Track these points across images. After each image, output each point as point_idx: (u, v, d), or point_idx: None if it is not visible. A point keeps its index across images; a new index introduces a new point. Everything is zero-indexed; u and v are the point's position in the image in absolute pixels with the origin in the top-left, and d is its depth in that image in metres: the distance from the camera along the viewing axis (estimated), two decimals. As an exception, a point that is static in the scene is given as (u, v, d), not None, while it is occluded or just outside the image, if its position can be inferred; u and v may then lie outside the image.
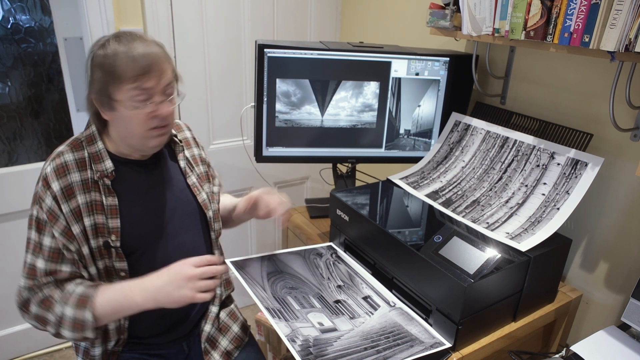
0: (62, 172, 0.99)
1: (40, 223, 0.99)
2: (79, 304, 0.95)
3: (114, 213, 1.02)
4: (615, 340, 1.06)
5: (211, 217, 1.18)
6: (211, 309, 1.20)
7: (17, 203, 1.78)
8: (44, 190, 0.98)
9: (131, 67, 0.94)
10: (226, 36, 1.91)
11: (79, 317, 0.95)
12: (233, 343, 1.21)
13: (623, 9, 0.90)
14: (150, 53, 0.96)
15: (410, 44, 1.79)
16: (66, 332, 0.97)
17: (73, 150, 1.02)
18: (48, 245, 0.98)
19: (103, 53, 0.96)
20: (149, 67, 0.95)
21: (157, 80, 0.97)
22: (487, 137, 1.34)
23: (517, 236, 1.08)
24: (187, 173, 1.17)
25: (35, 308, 0.98)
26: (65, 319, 0.96)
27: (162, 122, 1.01)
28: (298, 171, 2.32)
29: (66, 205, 0.98)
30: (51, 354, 2.03)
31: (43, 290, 0.99)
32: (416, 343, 0.97)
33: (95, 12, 1.63)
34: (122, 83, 0.95)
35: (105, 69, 0.95)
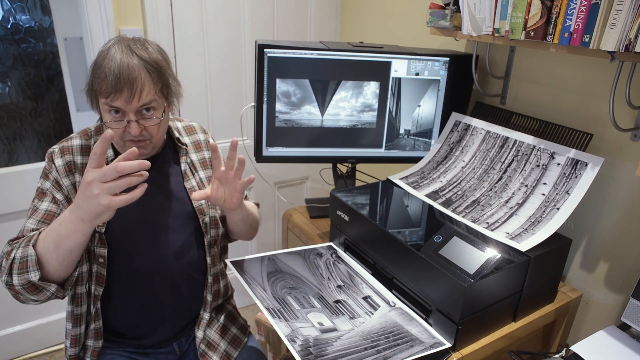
0: (66, 152, 1.06)
1: (43, 191, 1.04)
2: (26, 243, 0.94)
3: None
4: (615, 340, 1.06)
5: (207, 222, 1.17)
6: (202, 315, 1.20)
7: (17, 203, 1.78)
8: (50, 164, 1.06)
9: (103, 83, 0.95)
10: (226, 36, 1.91)
11: (23, 254, 0.93)
12: (232, 344, 1.21)
13: (623, 9, 0.90)
14: (122, 72, 0.94)
15: (410, 44, 1.79)
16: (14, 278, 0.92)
17: (82, 137, 1.09)
18: (45, 208, 1.02)
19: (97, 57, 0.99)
20: (117, 87, 0.94)
21: (127, 101, 0.96)
22: (487, 137, 1.34)
23: (517, 236, 1.08)
24: (187, 176, 1.16)
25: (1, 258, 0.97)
26: (15, 262, 0.93)
27: (135, 138, 1.00)
28: (298, 171, 2.32)
29: (66, 179, 1.05)
30: (51, 354, 2.03)
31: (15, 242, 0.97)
32: (416, 343, 0.98)
33: (95, 12, 1.63)
34: (98, 95, 0.98)
35: (91, 76, 0.98)
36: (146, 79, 0.97)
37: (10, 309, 1.89)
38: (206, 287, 1.19)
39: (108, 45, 1.00)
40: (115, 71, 0.94)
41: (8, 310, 1.89)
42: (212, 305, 1.21)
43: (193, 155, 1.20)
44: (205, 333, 1.18)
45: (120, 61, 0.95)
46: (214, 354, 1.18)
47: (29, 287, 0.93)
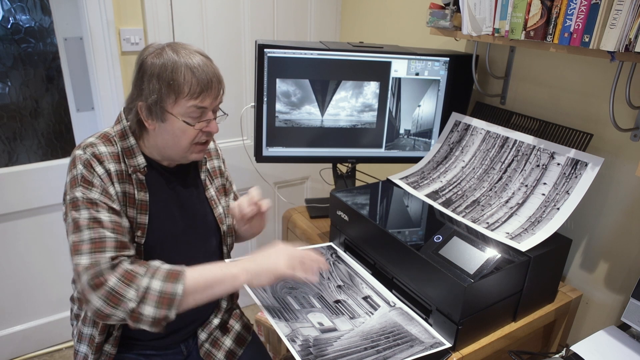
0: (100, 159, 0.97)
1: (92, 201, 0.93)
2: (169, 277, 0.90)
3: (144, 208, 1.02)
4: (615, 340, 1.06)
5: (225, 231, 1.18)
6: (212, 320, 1.20)
7: (17, 203, 1.78)
8: (89, 171, 0.95)
9: (193, 83, 0.94)
10: (226, 36, 1.91)
11: (169, 289, 0.88)
12: (236, 342, 1.21)
13: (623, 9, 0.90)
14: (211, 71, 0.97)
15: (410, 44, 1.79)
16: (148, 309, 0.87)
17: (105, 143, 1.00)
18: (108, 219, 0.93)
19: (160, 62, 0.95)
20: (209, 85, 0.96)
21: (214, 99, 0.99)
22: (487, 137, 1.34)
23: (517, 236, 1.08)
24: (207, 185, 1.17)
25: (114, 281, 0.88)
26: (150, 292, 0.88)
27: (207, 137, 1.03)
28: (298, 171, 2.32)
29: (112, 188, 0.97)
30: (51, 354, 2.02)
31: (123, 264, 0.91)
32: (416, 343, 0.97)
33: (95, 12, 1.63)
34: (180, 97, 0.95)
35: (164, 81, 0.94)
36: (221, 77, 1.01)
37: (10, 309, 1.89)
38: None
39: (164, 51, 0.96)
40: (204, 70, 0.95)
41: (8, 310, 1.89)
42: (223, 310, 1.22)
43: (207, 163, 1.20)
44: (210, 334, 1.19)
45: (200, 61, 0.96)
46: (219, 352, 1.18)
47: (159, 320, 0.89)
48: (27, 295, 1.90)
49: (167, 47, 0.98)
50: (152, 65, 0.95)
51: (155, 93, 0.95)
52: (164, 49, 0.97)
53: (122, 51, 1.74)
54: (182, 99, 0.95)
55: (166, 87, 0.94)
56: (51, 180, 1.82)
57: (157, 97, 0.95)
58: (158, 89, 0.95)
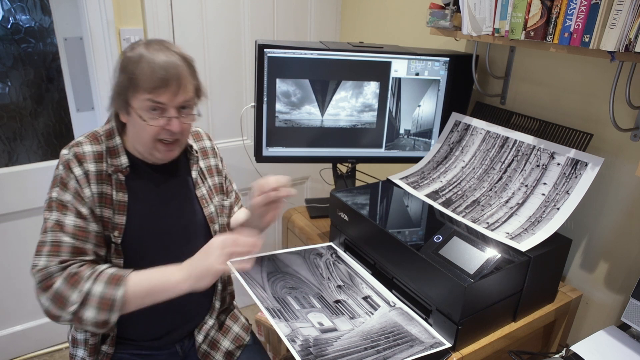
0: (80, 160, 0.99)
1: (62, 204, 0.97)
2: (111, 281, 0.92)
3: (122, 209, 1.03)
4: (615, 340, 1.06)
5: (217, 230, 1.17)
6: (207, 320, 1.20)
7: (17, 203, 1.78)
8: (67, 172, 0.98)
9: (148, 78, 0.94)
10: (226, 36, 1.91)
11: (109, 294, 0.90)
12: (234, 343, 1.21)
13: (623, 9, 0.90)
14: (170, 66, 0.95)
15: (410, 44, 1.79)
16: (89, 312, 0.90)
17: (92, 142, 1.02)
18: (72, 223, 0.96)
19: (129, 55, 0.96)
20: (165, 81, 0.95)
21: (172, 96, 0.97)
22: (487, 137, 1.34)
23: (517, 236, 1.08)
24: (198, 184, 1.16)
25: (59, 283, 0.91)
26: (92, 296, 0.90)
27: (170, 136, 1.01)
28: (298, 171, 2.32)
29: (87, 190, 0.99)
30: (51, 354, 2.03)
31: (71, 267, 0.93)
32: (416, 343, 0.97)
33: (95, 12, 1.63)
34: (137, 91, 0.95)
35: (126, 73, 0.95)
36: (188, 75, 0.99)
37: (10, 309, 1.89)
38: (215, 294, 1.20)
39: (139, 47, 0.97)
40: (162, 65, 0.94)
41: (8, 310, 1.89)
42: (218, 311, 1.22)
43: (201, 162, 1.19)
44: (207, 335, 1.18)
45: (165, 57, 0.96)
46: (217, 353, 1.18)
47: (101, 324, 0.91)
48: (27, 295, 1.90)
49: (144, 42, 0.99)
50: (124, 59, 0.97)
51: (120, 85, 0.97)
52: (139, 43, 0.98)
53: (122, 51, 1.74)
54: (138, 92, 0.95)
55: (127, 80, 0.95)
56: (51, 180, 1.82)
57: (120, 89, 0.97)
58: (121, 81, 0.97)
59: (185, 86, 0.98)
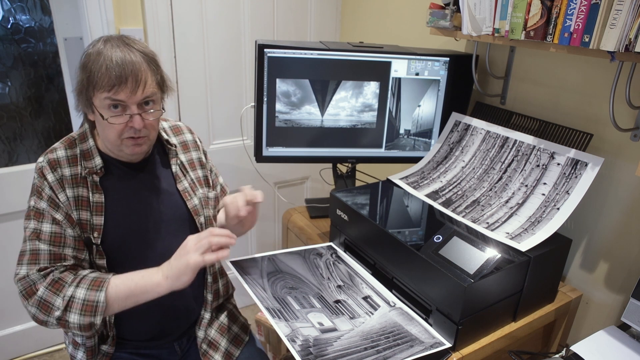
0: (54, 166, 1.01)
1: (39, 212, 0.99)
2: (93, 285, 0.94)
3: (99, 210, 1.03)
4: (615, 340, 1.06)
5: (202, 223, 1.16)
6: (203, 315, 1.20)
7: (17, 203, 1.78)
8: (41, 180, 1.00)
9: (105, 76, 0.93)
10: (226, 36, 1.91)
11: (91, 298, 0.93)
12: (233, 343, 1.21)
13: (623, 9, 0.90)
14: (126, 63, 0.94)
15: (410, 44, 1.79)
16: (73, 316, 0.93)
17: (66, 147, 1.04)
18: (49, 230, 0.98)
19: (88, 52, 0.96)
20: (122, 79, 0.93)
21: (131, 93, 0.95)
22: (487, 137, 1.34)
23: (517, 236, 1.08)
24: (179, 178, 1.15)
25: (43, 290, 0.94)
26: (75, 301, 0.93)
27: (136, 133, 1.00)
28: (298, 171, 2.32)
29: (62, 195, 1.00)
30: (51, 354, 2.03)
31: (53, 273, 0.96)
32: (416, 343, 0.97)
33: (95, 12, 1.63)
34: (96, 90, 0.95)
35: (85, 72, 0.96)
36: (148, 71, 0.98)
37: (10, 309, 1.89)
38: (206, 287, 1.19)
39: (99, 43, 0.97)
40: (118, 62, 0.93)
41: (8, 310, 1.89)
42: (212, 304, 1.21)
43: (182, 156, 1.18)
44: (207, 332, 1.18)
45: (121, 53, 0.95)
46: (216, 354, 1.18)
47: (86, 327, 0.94)
48: (27, 295, 1.90)
49: (105, 39, 0.98)
50: (84, 56, 0.97)
51: (80, 84, 0.97)
52: (100, 40, 0.98)
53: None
54: (97, 91, 0.95)
55: (87, 78, 0.95)
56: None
57: (81, 87, 0.97)
58: (81, 80, 0.97)
59: (145, 82, 0.97)
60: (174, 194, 1.14)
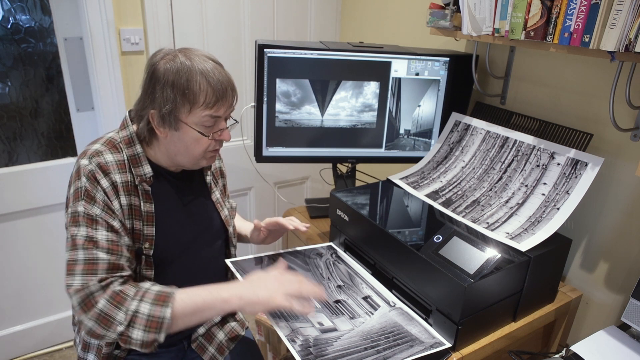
0: (105, 170, 0.95)
1: (91, 218, 0.92)
2: (158, 300, 0.88)
3: (150, 220, 1.01)
4: (615, 340, 1.06)
5: (231, 232, 1.19)
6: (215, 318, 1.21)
7: (17, 203, 1.78)
8: (93, 185, 0.93)
9: (209, 93, 0.93)
10: (226, 36, 1.91)
11: (157, 313, 0.87)
12: (228, 335, 1.21)
13: (623, 9, 0.90)
14: (225, 80, 0.96)
15: (410, 44, 1.79)
16: (137, 332, 0.87)
17: (111, 151, 0.98)
18: (105, 238, 0.92)
19: (174, 69, 0.92)
20: (224, 94, 0.95)
21: (228, 108, 0.98)
22: (487, 137, 1.34)
23: (517, 236, 1.08)
24: (212, 188, 1.17)
25: (103, 303, 0.87)
26: (139, 316, 0.87)
27: (220, 146, 1.03)
28: (298, 171, 2.32)
29: (116, 202, 0.95)
30: (51, 354, 2.02)
31: (113, 284, 0.90)
32: (416, 343, 0.97)
33: (95, 12, 1.63)
34: (195, 107, 0.94)
35: (178, 89, 0.92)
36: (234, 86, 1.00)
37: (10, 309, 1.89)
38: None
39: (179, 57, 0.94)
40: (219, 79, 0.94)
41: (8, 310, 1.89)
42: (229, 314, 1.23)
43: (211, 166, 1.19)
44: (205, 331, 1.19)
45: (214, 69, 0.95)
46: (210, 345, 1.18)
47: (149, 344, 0.88)
48: (27, 295, 1.90)
49: (180, 52, 0.96)
50: (166, 72, 0.93)
51: (169, 102, 0.93)
52: (177, 54, 0.95)
53: (122, 51, 1.74)
54: (197, 109, 0.93)
55: (181, 96, 0.92)
56: (51, 180, 1.82)
57: (171, 106, 0.93)
58: (172, 98, 0.93)
59: (235, 97, 1.00)
60: (209, 204, 1.15)
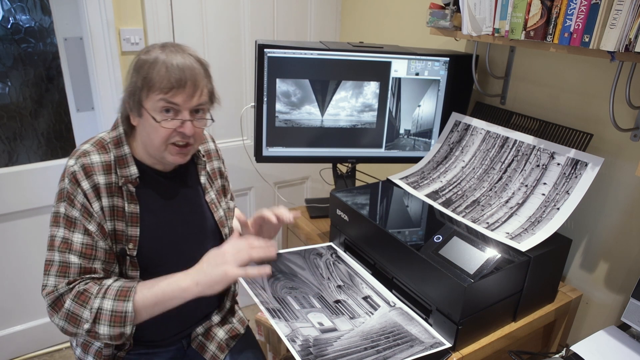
0: (89, 172, 0.96)
1: (70, 220, 0.95)
2: (120, 295, 0.92)
3: (135, 221, 1.01)
4: (615, 340, 1.06)
5: (227, 234, 1.18)
6: (212, 317, 1.20)
7: (17, 203, 1.78)
8: (74, 187, 0.95)
9: (164, 78, 0.93)
10: (226, 36, 1.91)
11: (119, 308, 0.90)
12: (229, 334, 1.21)
13: (623, 9, 0.90)
14: (187, 68, 0.95)
15: (410, 44, 1.79)
16: (103, 328, 0.91)
17: (99, 151, 1.00)
18: (80, 241, 0.95)
19: (145, 58, 0.95)
20: (181, 82, 0.94)
21: (187, 98, 0.96)
22: (487, 137, 1.34)
23: (517, 236, 1.08)
24: (207, 189, 1.15)
25: (69, 303, 0.92)
26: (103, 312, 0.90)
27: (183, 139, 0.99)
28: (298, 171, 2.32)
29: (96, 204, 0.96)
30: (51, 354, 2.02)
31: (79, 284, 0.94)
32: (416, 343, 0.97)
33: (95, 12, 1.63)
34: (151, 91, 0.94)
35: (141, 74, 0.95)
36: (203, 79, 0.98)
37: (10, 309, 1.89)
38: (227, 295, 1.21)
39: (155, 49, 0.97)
40: (179, 66, 0.94)
41: (8, 310, 1.89)
42: (226, 310, 1.22)
43: (207, 166, 1.18)
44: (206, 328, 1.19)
45: (182, 58, 0.95)
46: (211, 344, 1.18)
47: (117, 337, 0.92)
48: (27, 295, 1.90)
49: (161, 45, 0.98)
50: (139, 61, 0.96)
51: (132, 84, 0.96)
52: (155, 46, 0.98)
53: (122, 51, 1.74)
54: (152, 93, 0.94)
55: (141, 80, 0.95)
56: (51, 180, 1.81)
57: (134, 89, 0.96)
58: (135, 82, 0.96)
59: (201, 89, 0.98)
60: (203, 205, 1.14)
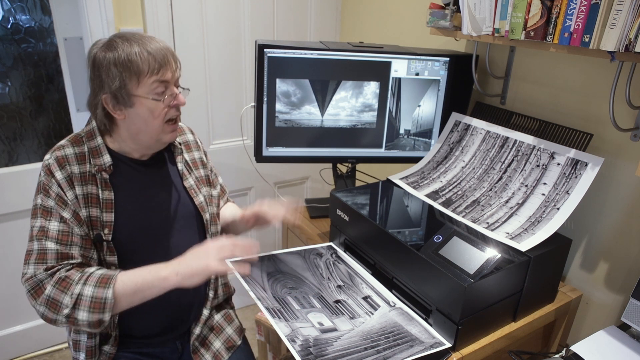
0: (62, 163, 1.01)
1: (46, 210, 0.99)
2: (100, 282, 0.94)
3: (109, 207, 1.04)
4: (615, 340, 1.06)
5: (207, 219, 1.19)
6: (203, 312, 1.20)
7: (17, 203, 1.78)
8: (49, 178, 1.00)
9: (151, 61, 0.97)
10: (226, 36, 1.91)
11: (99, 295, 0.93)
12: (225, 345, 1.21)
13: (623, 9, 0.90)
14: (163, 47, 1.00)
15: (410, 44, 1.79)
16: (82, 314, 0.93)
17: (73, 144, 1.04)
18: (56, 229, 0.98)
19: (114, 54, 0.97)
20: (165, 60, 0.99)
21: (172, 72, 1.02)
22: (487, 137, 1.34)
23: (517, 236, 1.08)
24: (185, 175, 1.18)
25: (50, 289, 0.94)
26: (83, 298, 0.93)
27: (177, 112, 1.05)
28: (298, 171, 2.32)
29: (70, 193, 1.00)
30: (51, 354, 2.03)
31: (60, 272, 0.96)
32: (416, 343, 0.98)
33: (95, 12, 1.63)
34: (142, 77, 0.97)
35: (123, 66, 0.97)
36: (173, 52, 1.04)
37: (10, 309, 1.89)
38: (209, 285, 1.21)
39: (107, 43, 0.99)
40: (156, 47, 0.99)
41: (8, 310, 1.89)
42: (212, 302, 1.22)
43: (185, 155, 1.21)
44: (202, 330, 1.19)
45: (151, 40, 1.00)
46: (207, 353, 1.18)
47: (95, 323, 0.95)
48: (27, 295, 1.90)
49: (114, 38, 1.00)
50: (105, 56, 0.98)
51: (117, 79, 0.97)
52: (112, 40, 1.00)
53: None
54: (144, 78, 0.98)
55: (126, 71, 0.97)
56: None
57: (119, 83, 0.97)
58: (119, 75, 0.97)
59: (177, 62, 1.04)
60: (181, 190, 1.16)
